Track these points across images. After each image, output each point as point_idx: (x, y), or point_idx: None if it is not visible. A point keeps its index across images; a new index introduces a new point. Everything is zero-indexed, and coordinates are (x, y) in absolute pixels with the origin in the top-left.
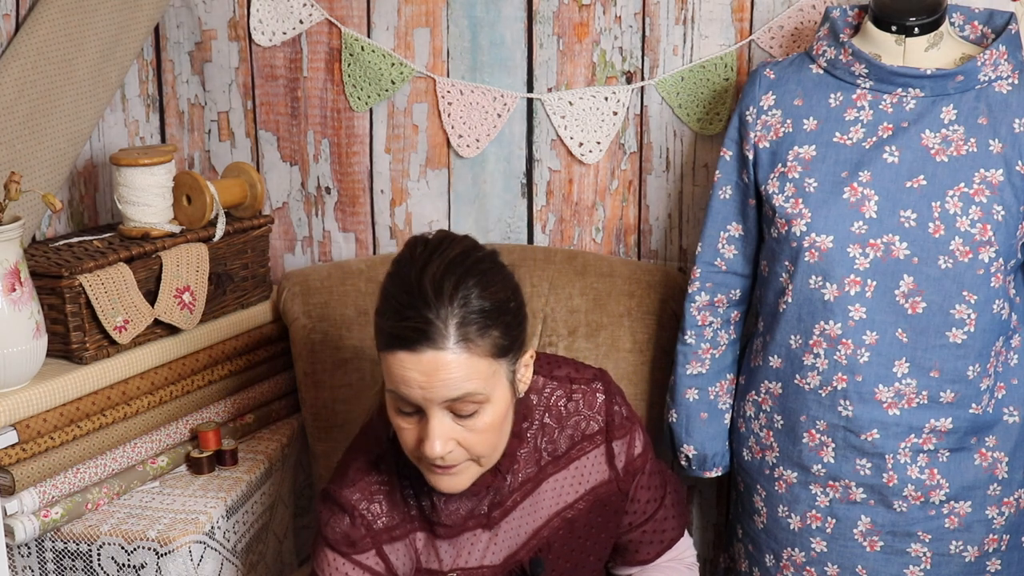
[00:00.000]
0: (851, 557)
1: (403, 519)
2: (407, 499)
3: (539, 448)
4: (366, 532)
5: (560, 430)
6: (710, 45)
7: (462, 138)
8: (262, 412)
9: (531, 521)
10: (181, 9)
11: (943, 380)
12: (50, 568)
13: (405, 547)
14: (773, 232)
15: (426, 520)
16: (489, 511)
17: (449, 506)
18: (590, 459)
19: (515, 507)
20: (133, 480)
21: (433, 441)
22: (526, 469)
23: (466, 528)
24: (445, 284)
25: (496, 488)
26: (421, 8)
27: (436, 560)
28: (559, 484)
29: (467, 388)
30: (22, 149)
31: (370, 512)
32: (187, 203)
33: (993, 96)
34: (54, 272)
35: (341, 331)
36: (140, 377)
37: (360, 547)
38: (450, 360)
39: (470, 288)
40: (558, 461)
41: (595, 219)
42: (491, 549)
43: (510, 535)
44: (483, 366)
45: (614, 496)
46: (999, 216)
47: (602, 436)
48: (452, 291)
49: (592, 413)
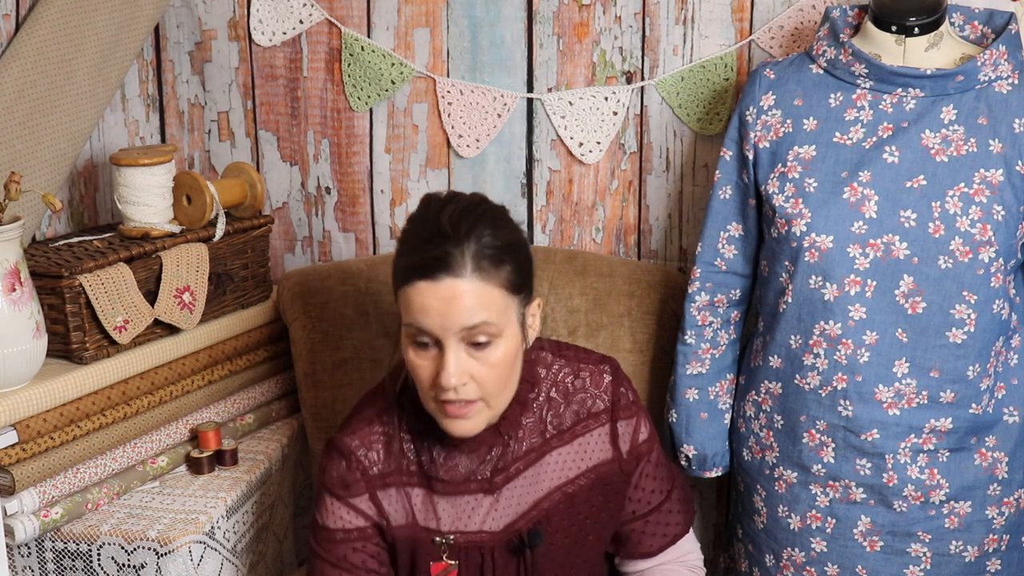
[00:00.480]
0: (851, 557)
1: (399, 470)
2: (407, 453)
3: (544, 420)
4: (361, 477)
5: (566, 405)
6: (710, 45)
7: (462, 138)
8: (262, 412)
9: (532, 492)
10: (181, 9)
11: (943, 380)
12: (50, 568)
13: (399, 497)
14: (773, 232)
15: (425, 476)
16: (492, 476)
17: (448, 462)
18: (594, 437)
19: (517, 475)
20: (133, 480)
21: (449, 371)
22: (530, 439)
23: (468, 491)
24: (461, 223)
25: (498, 453)
26: (421, 8)
27: (435, 519)
28: (562, 458)
29: (482, 316)
30: (22, 149)
31: (367, 459)
32: (187, 203)
33: (993, 96)
34: (54, 272)
35: (341, 331)
36: (140, 377)
37: (354, 490)
38: (467, 288)
39: (484, 227)
40: (562, 435)
41: (595, 219)
42: (491, 515)
43: (511, 503)
44: (497, 297)
45: (616, 476)
46: (999, 216)
47: (607, 415)
48: (468, 229)
49: (599, 392)
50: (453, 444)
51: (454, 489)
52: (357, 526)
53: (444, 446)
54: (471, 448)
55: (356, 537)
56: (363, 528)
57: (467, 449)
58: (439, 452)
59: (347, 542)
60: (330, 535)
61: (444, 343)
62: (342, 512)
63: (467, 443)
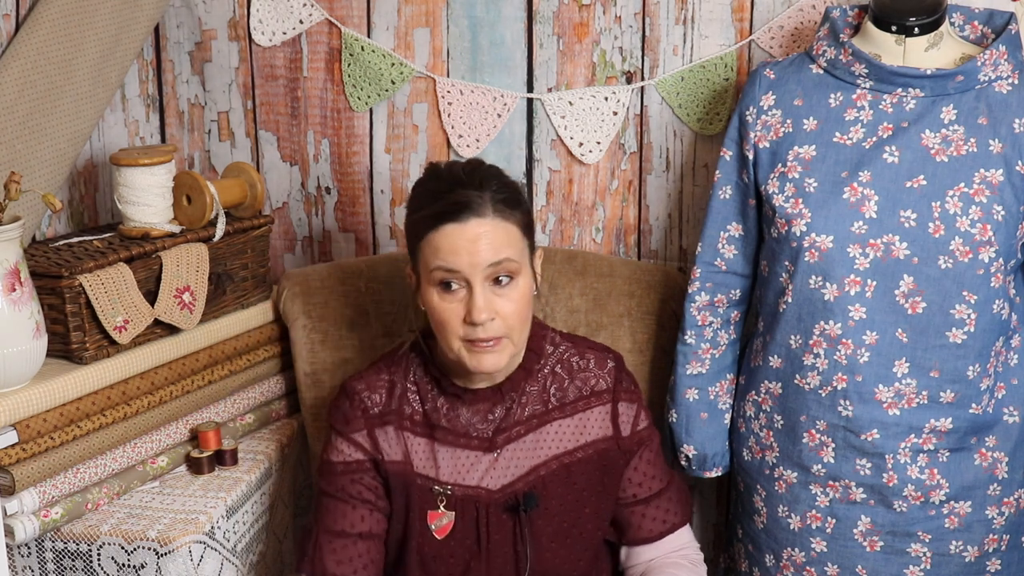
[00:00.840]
0: (851, 557)
1: (400, 415)
2: (411, 402)
3: (547, 390)
4: (361, 415)
5: (570, 381)
6: (710, 45)
7: (462, 138)
8: (262, 412)
9: (531, 457)
10: (181, 9)
11: (943, 380)
12: (50, 568)
13: (397, 438)
14: (773, 232)
15: (428, 426)
16: (493, 436)
17: (451, 412)
18: (595, 414)
19: (518, 438)
20: (133, 480)
21: (480, 306)
22: (533, 406)
23: (469, 446)
24: (475, 174)
25: (500, 415)
26: (421, 8)
27: (434, 468)
28: (562, 430)
29: (505, 253)
30: (22, 149)
31: (369, 400)
32: (187, 203)
33: (993, 96)
34: (54, 272)
35: (341, 331)
36: (140, 377)
37: (354, 426)
38: (490, 227)
39: (494, 176)
40: (564, 408)
41: (595, 219)
42: (490, 473)
43: (510, 465)
44: (515, 236)
45: (614, 455)
46: (999, 216)
47: (609, 395)
48: (482, 178)
49: (602, 373)
50: (456, 395)
51: (454, 440)
52: (356, 459)
53: (448, 398)
54: (473, 401)
55: (355, 469)
56: (361, 461)
57: (469, 401)
58: (443, 402)
59: (346, 474)
60: (332, 468)
61: (472, 282)
62: (343, 446)
63: (470, 397)
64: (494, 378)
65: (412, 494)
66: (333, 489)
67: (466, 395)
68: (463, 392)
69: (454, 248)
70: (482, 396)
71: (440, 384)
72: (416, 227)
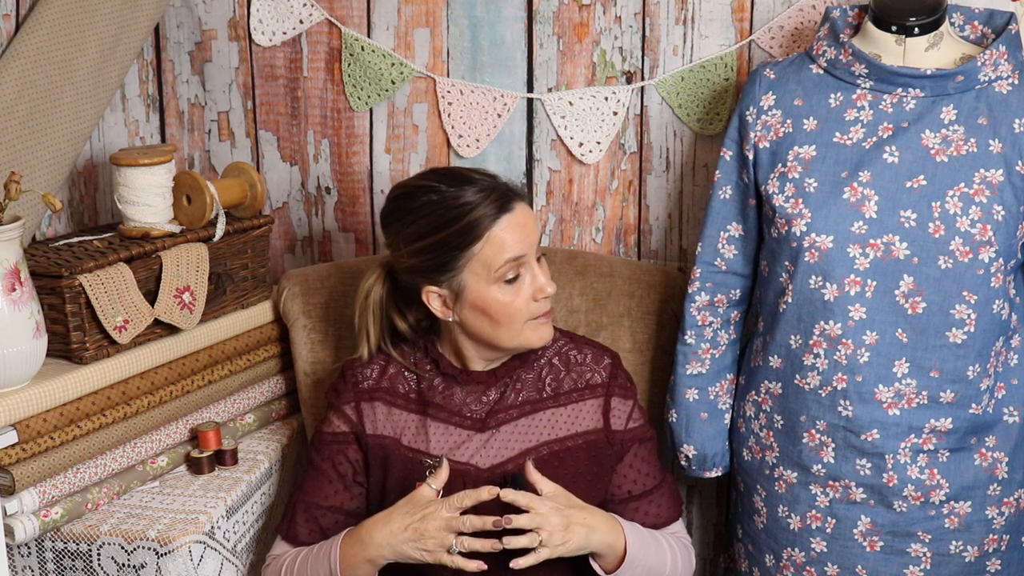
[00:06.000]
0: (851, 557)
1: (392, 392)
2: (407, 382)
3: (542, 379)
4: (351, 388)
5: (566, 373)
6: (710, 45)
7: (462, 138)
8: (262, 412)
9: (522, 441)
10: (181, 9)
11: (943, 380)
12: (50, 568)
13: (385, 413)
14: (773, 232)
15: (422, 403)
16: (486, 417)
17: (446, 391)
18: (588, 407)
19: (510, 421)
20: (133, 480)
21: (548, 279)
22: (528, 392)
23: (462, 425)
24: (474, 171)
25: (494, 398)
26: (421, 8)
27: (425, 441)
28: (555, 418)
29: (539, 231)
30: (22, 149)
31: (361, 375)
32: (187, 203)
33: (993, 96)
34: (54, 272)
35: (341, 331)
36: (140, 377)
37: (343, 399)
38: (528, 210)
39: (482, 169)
40: (558, 397)
41: (595, 219)
42: (481, 452)
43: (501, 446)
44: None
45: (604, 448)
46: (999, 216)
47: (603, 389)
48: (481, 171)
49: (598, 368)
50: (453, 376)
51: (447, 418)
52: (342, 431)
53: (444, 378)
54: (468, 382)
55: (341, 440)
56: (346, 433)
57: (465, 382)
58: (439, 382)
59: (333, 443)
60: (322, 438)
61: (530, 263)
62: (332, 417)
63: (465, 378)
64: (491, 363)
65: (396, 468)
66: (319, 459)
67: (462, 376)
68: (459, 373)
69: (516, 237)
70: (478, 378)
71: (438, 365)
72: (461, 238)
